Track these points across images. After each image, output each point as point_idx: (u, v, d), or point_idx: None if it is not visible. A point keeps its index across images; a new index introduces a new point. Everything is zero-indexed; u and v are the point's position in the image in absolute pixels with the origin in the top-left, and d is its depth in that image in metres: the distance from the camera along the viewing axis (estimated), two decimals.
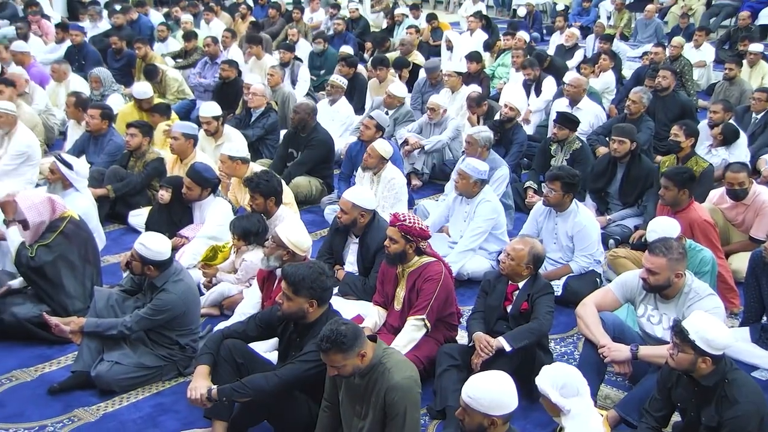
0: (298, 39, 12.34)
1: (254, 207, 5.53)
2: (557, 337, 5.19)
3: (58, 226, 4.98)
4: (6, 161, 7.13)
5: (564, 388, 3.34)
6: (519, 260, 4.45)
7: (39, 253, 4.92)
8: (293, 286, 3.80)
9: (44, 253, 4.93)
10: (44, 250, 4.93)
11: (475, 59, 10.19)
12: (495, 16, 18.56)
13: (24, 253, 4.94)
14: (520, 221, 6.43)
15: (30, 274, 4.96)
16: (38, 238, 4.97)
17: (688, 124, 6.93)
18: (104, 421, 4.25)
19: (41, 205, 4.94)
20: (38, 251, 4.92)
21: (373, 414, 3.57)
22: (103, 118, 7.34)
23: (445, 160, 8.14)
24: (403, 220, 4.54)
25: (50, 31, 12.55)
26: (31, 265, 4.92)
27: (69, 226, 5.01)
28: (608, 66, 10.36)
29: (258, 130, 8.15)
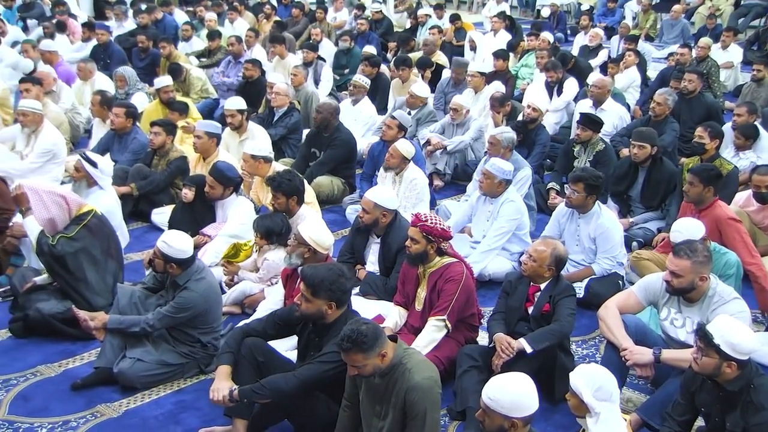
0: (321, 39, 12.38)
1: (276, 206, 5.55)
2: (579, 340, 5.16)
3: (82, 219, 5.02)
4: (32, 159, 7.22)
5: (599, 390, 3.34)
6: (541, 261, 4.43)
7: (61, 242, 4.96)
8: (312, 288, 3.81)
9: (66, 244, 4.97)
10: (66, 241, 4.97)
11: (502, 57, 10.18)
12: (519, 16, 18.46)
13: (44, 241, 4.97)
14: (542, 222, 6.40)
15: (52, 263, 5.00)
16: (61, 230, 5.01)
17: (713, 125, 6.85)
18: (126, 417, 4.28)
19: (49, 199, 4.96)
20: (60, 241, 4.96)
21: (393, 414, 3.56)
22: (128, 116, 7.40)
23: (467, 161, 8.12)
24: (424, 221, 4.53)
25: (77, 30, 12.69)
26: (53, 254, 4.95)
27: (93, 220, 5.06)
28: (633, 62, 10.25)
29: (281, 129, 8.17)
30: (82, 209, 5.07)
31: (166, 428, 4.21)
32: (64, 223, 5.03)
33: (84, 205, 5.09)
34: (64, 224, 5.03)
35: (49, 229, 5.02)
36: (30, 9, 14.44)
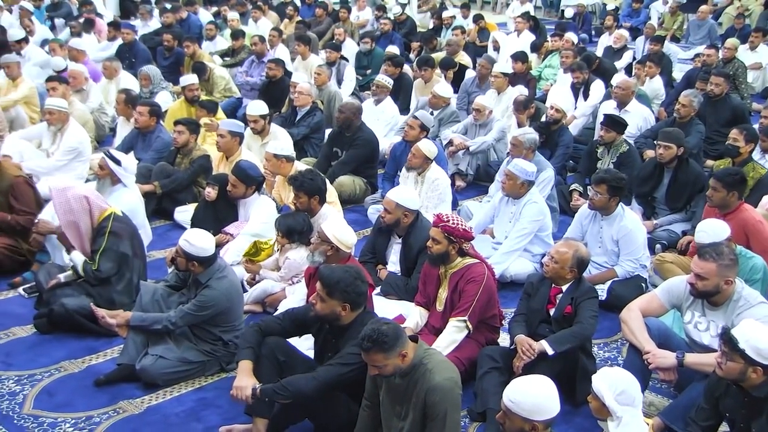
0: (344, 38, 12.40)
1: (298, 205, 5.56)
2: (601, 342, 5.12)
3: (105, 227, 5.05)
4: (58, 157, 7.30)
5: (622, 394, 3.32)
6: (563, 263, 4.40)
7: (101, 263, 5.01)
8: (327, 288, 3.81)
9: (105, 261, 5.02)
10: (104, 258, 5.01)
11: (521, 59, 10.11)
12: (543, 17, 18.39)
13: (88, 269, 5.03)
14: (564, 224, 6.37)
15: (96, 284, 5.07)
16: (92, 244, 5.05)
17: (749, 128, 6.75)
18: (148, 413, 4.31)
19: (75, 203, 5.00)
20: (100, 261, 5.01)
21: (413, 414, 3.56)
22: (152, 115, 7.45)
23: (489, 162, 8.09)
24: (446, 221, 4.52)
25: (103, 30, 12.81)
26: (100, 278, 5.03)
27: (115, 223, 5.08)
28: (655, 72, 10.13)
29: (303, 128, 8.19)
30: (103, 215, 5.10)
31: (187, 425, 4.23)
32: (86, 227, 5.05)
33: (104, 210, 5.12)
34: (86, 228, 5.05)
35: (71, 233, 5.05)
36: (58, 8, 14.59)
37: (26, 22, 12.21)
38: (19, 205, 5.79)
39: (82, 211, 5.02)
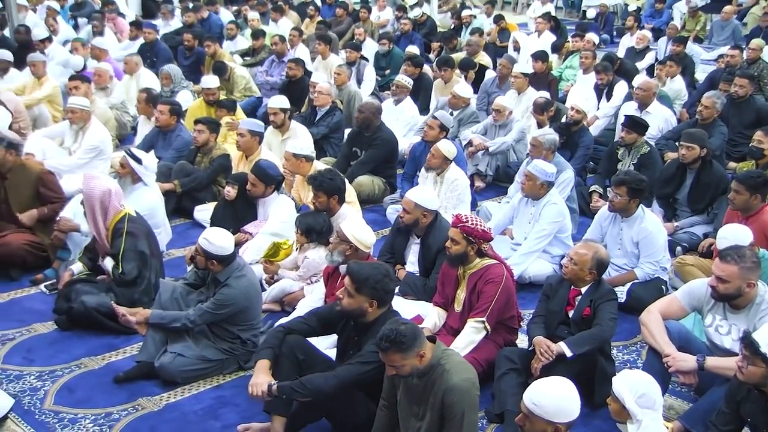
0: (364, 38, 12.41)
1: (317, 205, 5.57)
2: (620, 345, 5.09)
3: (120, 228, 5.09)
4: (80, 155, 7.36)
5: (642, 397, 3.29)
6: (582, 265, 4.38)
7: (124, 265, 5.07)
8: (356, 284, 3.82)
9: (127, 262, 5.07)
10: (126, 260, 5.07)
11: (541, 58, 10.07)
12: (564, 17, 18.30)
13: (116, 273, 5.09)
14: (584, 225, 6.33)
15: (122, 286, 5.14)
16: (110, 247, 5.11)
17: None
18: (166, 411, 4.33)
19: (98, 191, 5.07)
20: (123, 264, 5.06)
21: (430, 415, 3.55)
22: (172, 114, 7.50)
23: (509, 162, 8.06)
24: (465, 222, 4.51)
25: (125, 29, 12.91)
26: (126, 281, 5.08)
27: (130, 224, 5.12)
28: (675, 72, 10.03)
29: (323, 128, 8.21)
30: (117, 216, 5.13)
31: (205, 423, 4.25)
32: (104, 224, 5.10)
33: (119, 212, 5.16)
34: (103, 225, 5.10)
35: (91, 224, 5.10)
36: (81, 8, 14.73)
37: (51, 22, 12.33)
38: (49, 192, 5.91)
39: (100, 203, 5.08)
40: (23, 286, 5.73)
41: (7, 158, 5.81)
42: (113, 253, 5.11)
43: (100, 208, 5.08)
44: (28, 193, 5.87)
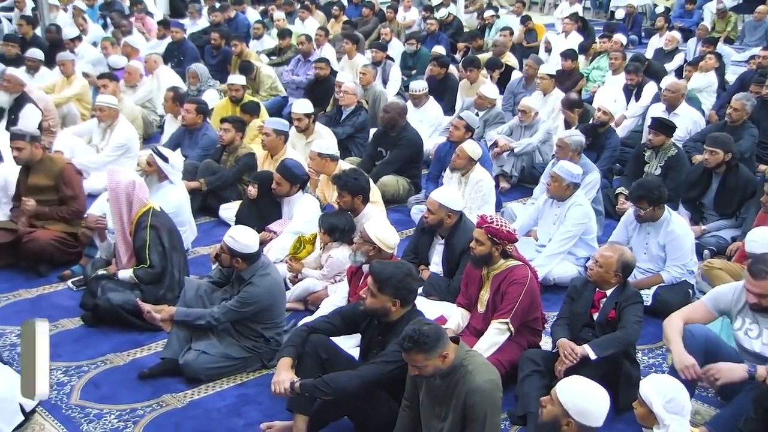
0: (390, 38, 12.41)
1: (341, 204, 5.57)
2: (645, 348, 5.04)
3: (144, 221, 5.12)
4: (107, 152, 7.45)
5: (670, 402, 3.25)
6: (607, 267, 4.34)
7: (151, 258, 5.10)
8: (379, 283, 3.82)
9: (154, 254, 5.10)
10: (152, 252, 5.10)
11: (571, 57, 10.04)
12: (591, 18, 18.15)
13: (140, 273, 5.11)
14: (609, 228, 6.28)
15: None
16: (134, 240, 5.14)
17: None
18: (190, 408, 4.36)
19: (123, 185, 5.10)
20: (150, 257, 5.10)
21: (453, 416, 3.54)
22: (198, 112, 7.55)
23: (534, 164, 8.02)
24: (490, 222, 4.49)
25: (153, 28, 13.03)
26: (156, 273, 5.11)
27: (153, 218, 5.16)
28: (713, 66, 9.88)
29: (348, 128, 8.22)
30: (142, 210, 5.17)
31: (228, 420, 4.27)
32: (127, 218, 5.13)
33: (144, 205, 5.19)
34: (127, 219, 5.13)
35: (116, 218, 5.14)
36: (110, 7, 14.87)
37: (80, 21, 12.47)
38: (69, 190, 5.94)
39: (125, 197, 5.12)
40: (51, 282, 5.81)
41: (34, 152, 5.89)
42: (138, 245, 5.12)
43: (125, 201, 5.12)
44: (48, 186, 5.92)
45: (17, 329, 5.14)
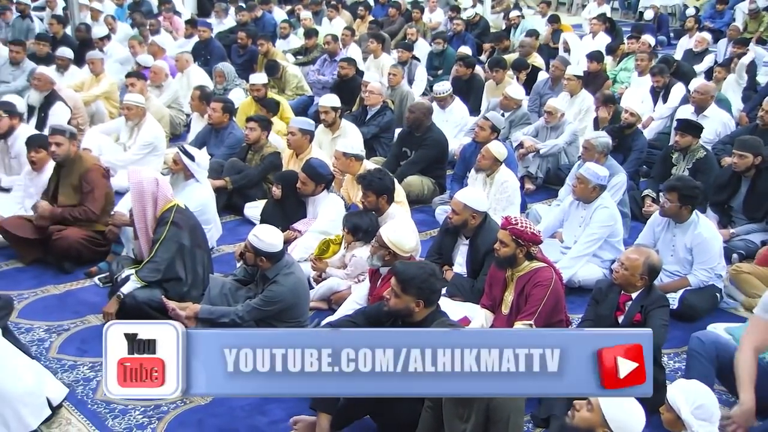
0: (416, 38, 12.39)
1: (366, 204, 5.58)
2: (671, 352, 4.99)
3: (167, 217, 5.11)
4: (134, 151, 7.51)
5: (699, 408, 3.21)
6: (633, 270, 4.30)
7: (158, 251, 5.01)
8: (402, 284, 3.81)
9: (163, 250, 5.01)
10: (163, 247, 5.02)
11: (596, 59, 9.96)
12: (620, 18, 18.01)
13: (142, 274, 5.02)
14: (635, 230, 6.23)
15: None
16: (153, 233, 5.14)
17: None
18: (214, 405, 4.38)
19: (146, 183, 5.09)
20: (158, 250, 5.02)
21: (475, 417, 3.53)
22: (225, 111, 7.59)
23: (560, 165, 7.97)
24: (514, 224, 4.47)
25: (180, 27, 13.14)
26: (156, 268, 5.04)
27: (177, 215, 5.15)
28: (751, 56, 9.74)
29: (373, 128, 8.22)
30: (166, 206, 5.17)
31: (252, 418, 4.29)
32: (152, 215, 5.14)
33: (169, 201, 5.21)
34: (151, 217, 5.14)
35: (139, 217, 5.16)
36: (139, 7, 15.02)
37: (108, 20, 12.60)
38: (88, 191, 5.95)
39: (151, 195, 5.12)
40: (78, 278, 5.87)
41: (71, 149, 5.96)
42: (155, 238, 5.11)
43: (150, 199, 5.11)
44: (74, 184, 5.98)
45: (45, 324, 5.22)
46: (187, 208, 5.36)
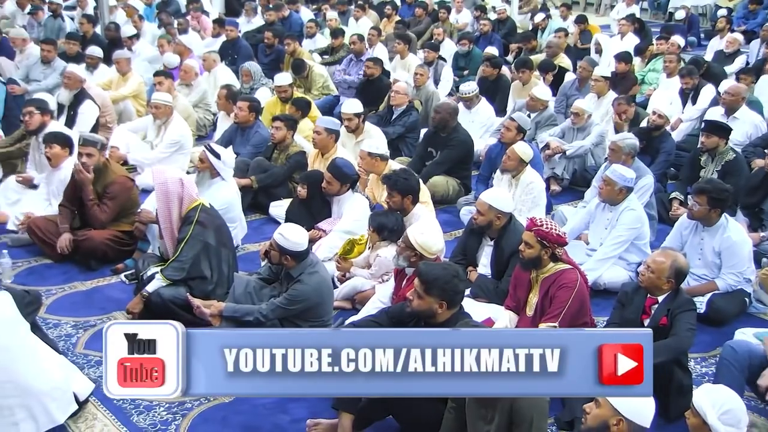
0: (443, 38, 12.37)
1: (391, 204, 5.57)
2: (698, 356, 4.93)
3: (192, 216, 5.14)
4: (161, 149, 7.57)
5: (726, 414, 3.16)
6: (659, 273, 4.26)
7: (183, 251, 5.06)
8: (425, 285, 3.80)
9: (188, 249, 5.07)
10: (187, 246, 5.07)
11: (625, 59, 9.87)
12: (649, 19, 17.83)
13: (167, 273, 5.07)
14: (662, 233, 6.17)
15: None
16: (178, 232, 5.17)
17: None
18: (237, 402, 4.41)
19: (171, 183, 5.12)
20: (183, 249, 5.07)
21: (499, 419, 3.51)
22: (251, 110, 7.62)
23: (586, 166, 7.91)
24: (539, 225, 4.45)
25: (208, 26, 13.23)
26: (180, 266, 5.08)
27: (202, 214, 5.17)
28: None
29: (398, 128, 8.21)
30: (192, 205, 5.20)
31: (274, 416, 4.31)
32: (177, 214, 5.16)
33: (194, 200, 5.24)
34: (177, 216, 5.17)
35: (164, 217, 5.19)
36: (167, 6, 15.14)
37: (135, 20, 12.72)
38: (106, 196, 5.96)
39: (176, 195, 5.15)
40: (105, 275, 5.93)
41: (100, 159, 6.00)
42: (180, 237, 5.15)
43: (175, 199, 5.16)
44: (98, 192, 5.98)
45: (73, 320, 5.28)
46: (212, 206, 5.39)
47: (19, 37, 10.51)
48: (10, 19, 14.03)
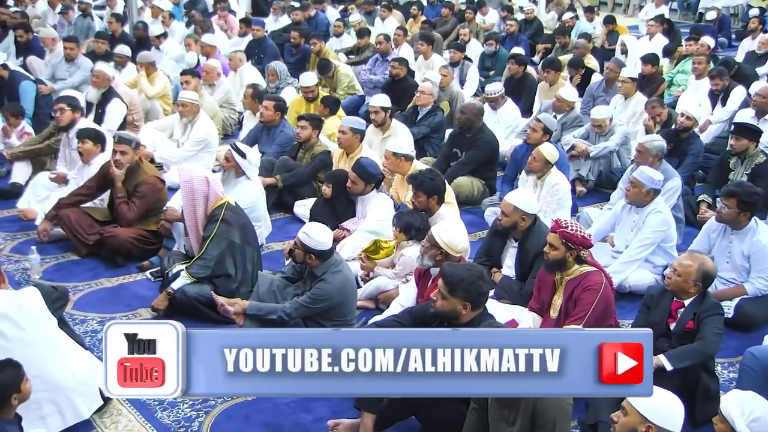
0: (469, 39, 12.34)
1: (416, 204, 5.56)
2: (725, 362, 4.87)
3: (217, 215, 5.19)
4: (187, 147, 7.63)
5: (755, 421, 3.11)
6: (686, 277, 4.21)
7: (208, 248, 5.13)
8: (449, 286, 3.79)
9: (213, 247, 5.13)
10: (213, 244, 5.13)
11: (651, 61, 9.77)
12: (678, 19, 17.64)
13: (192, 271, 5.14)
14: (689, 236, 6.10)
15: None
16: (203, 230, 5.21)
17: None
18: (260, 401, 4.42)
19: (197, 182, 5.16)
20: (208, 247, 5.13)
21: (521, 421, 3.50)
22: (276, 110, 7.64)
23: (612, 168, 7.85)
24: (564, 227, 4.42)
25: (234, 26, 13.30)
26: (206, 265, 5.14)
27: (227, 213, 5.22)
28: None
29: (423, 128, 8.20)
30: (217, 203, 5.24)
31: (296, 415, 4.32)
32: (202, 213, 5.21)
33: (219, 198, 5.27)
34: (202, 214, 5.21)
35: (189, 214, 5.23)
36: (195, 5, 15.26)
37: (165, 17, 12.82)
38: (135, 194, 6.02)
39: (202, 193, 5.19)
40: (131, 272, 5.98)
41: (134, 158, 6.06)
42: (204, 235, 5.19)
43: (201, 197, 5.20)
44: (129, 191, 6.05)
45: (99, 316, 5.33)
46: (237, 205, 5.42)
47: (49, 37, 10.65)
48: (42, 18, 14.22)
